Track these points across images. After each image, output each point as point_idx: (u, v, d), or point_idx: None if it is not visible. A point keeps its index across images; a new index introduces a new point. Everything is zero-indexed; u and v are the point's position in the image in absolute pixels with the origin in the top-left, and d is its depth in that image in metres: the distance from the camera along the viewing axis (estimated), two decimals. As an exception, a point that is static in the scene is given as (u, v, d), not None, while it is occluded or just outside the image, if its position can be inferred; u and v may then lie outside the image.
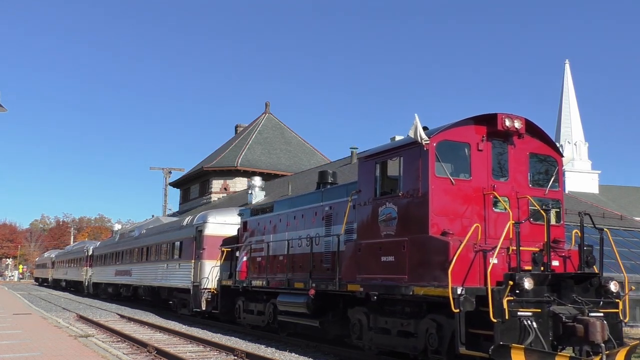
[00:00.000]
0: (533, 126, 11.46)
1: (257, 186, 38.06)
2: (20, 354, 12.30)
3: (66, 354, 12.33)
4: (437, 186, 10.57)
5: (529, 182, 11.44)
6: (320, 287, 13.61)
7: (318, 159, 58.60)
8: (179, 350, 13.85)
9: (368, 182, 12.30)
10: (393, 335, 11.55)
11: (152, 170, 60.75)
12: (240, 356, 12.96)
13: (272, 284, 16.14)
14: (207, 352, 14.16)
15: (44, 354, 12.29)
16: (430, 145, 10.63)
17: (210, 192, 55.55)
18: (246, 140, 58.66)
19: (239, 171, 53.98)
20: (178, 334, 17.57)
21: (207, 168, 56.23)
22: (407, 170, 11.16)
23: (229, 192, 54.01)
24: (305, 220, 15.88)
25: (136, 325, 20.87)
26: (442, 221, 10.50)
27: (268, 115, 64.27)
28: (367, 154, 12.48)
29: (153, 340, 15.66)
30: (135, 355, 13.49)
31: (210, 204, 51.81)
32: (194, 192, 61.25)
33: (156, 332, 18.71)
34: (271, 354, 13.36)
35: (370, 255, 11.87)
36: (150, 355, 13.42)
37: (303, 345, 14.70)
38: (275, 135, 61.30)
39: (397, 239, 11.10)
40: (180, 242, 24.21)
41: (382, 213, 11.67)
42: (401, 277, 10.88)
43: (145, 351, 13.78)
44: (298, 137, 63.61)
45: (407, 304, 11.39)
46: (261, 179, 40.20)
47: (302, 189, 30.34)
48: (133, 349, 14.53)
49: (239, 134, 63.91)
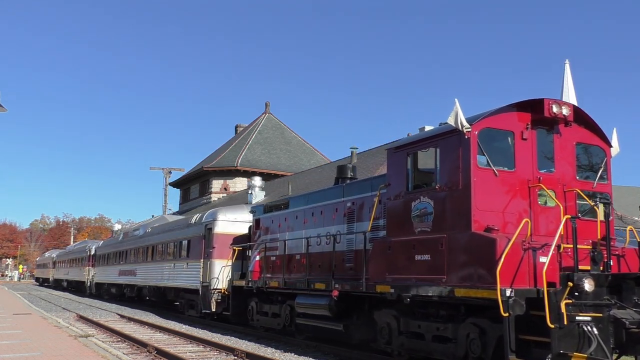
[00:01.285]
0: (580, 113, 10.57)
1: (257, 186, 37.47)
2: (20, 354, 12.16)
3: (66, 354, 12.20)
4: (479, 178, 9.66)
5: (576, 174, 10.54)
6: (345, 288, 12.68)
7: (318, 159, 58.34)
8: (179, 350, 13.75)
9: (399, 174, 11.38)
10: (427, 340, 10.64)
11: (152, 170, 60.88)
12: (240, 356, 12.80)
13: (290, 284, 15.20)
14: (207, 352, 14.04)
15: (44, 354, 12.16)
16: (472, 134, 9.71)
17: (210, 192, 55.37)
18: (246, 140, 58.55)
19: (239, 171, 53.88)
20: (178, 334, 17.40)
21: (207, 168, 56.10)
22: (445, 161, 10.24)
23: (229, 192, 53.76)
24: (324, 217, 14.97)
25: (136, 325, 20.65)
26: (485, 216, 9.58)
27: (268, 115, 64.17)
28: (398, 145, 11.55)
29: (153, 340, 15.58)
30: (135, 355, 13.39)
31: (210, 204, 51.47)
32: (194, 192, 61.11)
33: (156, 332, 18.54)
34: (271, 354, 13.17)
35: (402, 253, 10.96)
36: (150, 355, 13.31)
37: (303, 345, 14.49)
38: (275, 135, 61.14)
39: (433, 236, 10.19)
40: (188, 240, 23.29)
41: (416, 208, 10.75)
42: (439, 277, 9.96)
43: (145, 351, 13.69)
44: (298, 137, 63.41)
45: (442, 306, 10.49)
46: (261, 179, 39.64)
47: (302, 189, 29.86)
48: (133, 349, 14.43)
49: (239, 134, 63.78)
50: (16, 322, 19.37)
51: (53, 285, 60.67)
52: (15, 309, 25.77)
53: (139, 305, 30.39)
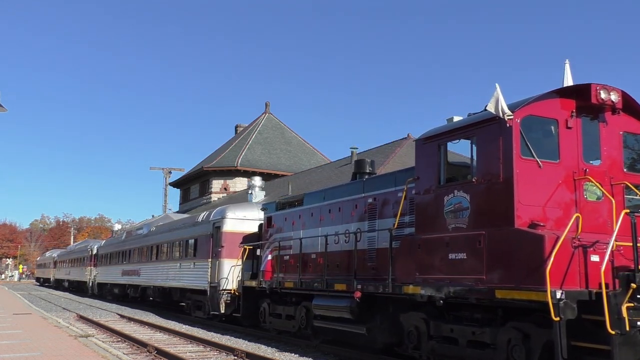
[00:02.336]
0: (629, 100, 9.76)
1: (257, 186, 37.03)
2: (20, 354, 12.12)
3: (66, 354, 12.15)
4: (522, 170, 8.88)
5: (623, 165, 9.75)
6: (368, 289, 11.87)
7: (318, 159, 58.33)
8: (179, 350, 13.72)
9: (429, 167, 10.58)
10: (462, 345, 9.85)
11: (152, 170, 61.15)
12: (240, 356, 12.74)
13: (306, 285, 14.41)
14: (207, 352, 14.00)
15: (44, 354, 12.12)
16: (514, 122, 8.92)
17: (210, 192, 55.31)
18: (246, 140, 58.53)
19: (239, 171, 53.94)
20: (178, 334, 17.32)
21: (207, 168, 56.12)
22: (483, 151, 9.46)
23: (229, 192, 53.68)
24: (342, 214, 14.19)
25: (136, 325, 20.53)
26: (528, 211, 8.79)
27: (268, 115, 64.19)
28: (429, 135, 10.75)
29: (153, 340, 15.55)
30: (135, 355, 13.37)
31: (210, 204, 51.41)
32: (194, 192, 61.09)
33: (156, 332, 18.45)
34: (271, 354, 13.11)
35: (433, 252, 10.18)
36: (150, 355, 13.28)
37: (303, 345, 14.38)
38: (275, 135, 61.11)
39: (470, 233, 9.40)
40: (194, 239, 22.50)
41: (450, 203, 9.97)
42: (477, 277, 9.18)
43: (145, 351, 13.66)
44: (298, 137, 63.40)
45: (477, 308, 9.72)
46: (261, 179, 39.31)
47: (303, 189, 29.46)
48: (133, 349, 14.41)
49: (239, 134, 63.80)
50: (16, 322, 19.22)
51: (54, 286, 59.87)
52: (15, 309, 25.60)
53: (139, 305, 30.11)
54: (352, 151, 35.51)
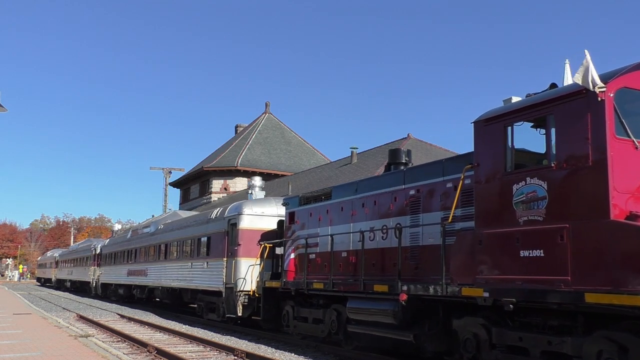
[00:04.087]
0: None
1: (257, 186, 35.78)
2: (20, 354, 12.05)
3: (66, 354, 12.08)
4: (617, 152, 7.54)
5: None
6: (416, 291, 10.52)
7: (318, 159, 58.00)
8: (179, 350, 13.64)
9: (493, 152, 9.23)
10: (534, 356, 8.50)
11: (152, 170, 60.96)
12: (240, 356, 12.67)
13: (339, 286, 13.06)
14: (207, 352, 13.92)
15: (44, 354, 12.06)
16: (607, 95, 7.58)
17: (211, 192, 54.89)
18: (246, 140, 58.15)
19: (239, 171, 53.58)
20: (178, 333, 17.20)
21: (207, 168, 55.70)
22: (565, 131, 8.11)
23: (229, 192, 53.15)
24: (378, 207, 12.85)
25: (136, 325, 20.38)
26: (625, 200, 7.47)
27: (268, 115, 63.93)
28: (492, 115, 9.39)
29: (153, 340, 15.48)
30: (135, 355, 13.31)
31: (210, 204, 50.86)
32: (194, 192, 60.71)
33: (156, 332, 18.33)
34: (271, 354, 13.01)
35: (499, 248, 8.84)
36: (151, 355, 13.22)
37: (303, 345, 14.33)
38: (275, 135, 60.79)
39: (549, 226, 8.05)
40: (207, 237, 21.14)
41: (520, 192, 8.62)
42: (559, 278, 7.83)
43: (145, 351, 13.61)
44: (298, 137, 63.03)
45: (551, 314, 8.38)
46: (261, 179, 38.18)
47: (303, 189, 28.72)
48: (133, 349, 14.34)
49: (239, 134, 63.43)
50: (16, 322, 19.05)
51: (55, 286, 58.52)
52: (16, 308, 25.21)
53: (139, 305, 29.55)
54: (352, 151, 35.42)
